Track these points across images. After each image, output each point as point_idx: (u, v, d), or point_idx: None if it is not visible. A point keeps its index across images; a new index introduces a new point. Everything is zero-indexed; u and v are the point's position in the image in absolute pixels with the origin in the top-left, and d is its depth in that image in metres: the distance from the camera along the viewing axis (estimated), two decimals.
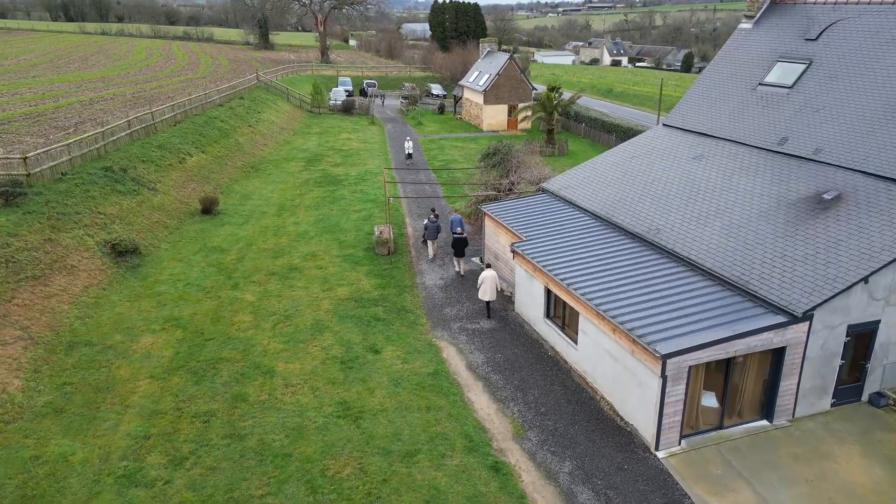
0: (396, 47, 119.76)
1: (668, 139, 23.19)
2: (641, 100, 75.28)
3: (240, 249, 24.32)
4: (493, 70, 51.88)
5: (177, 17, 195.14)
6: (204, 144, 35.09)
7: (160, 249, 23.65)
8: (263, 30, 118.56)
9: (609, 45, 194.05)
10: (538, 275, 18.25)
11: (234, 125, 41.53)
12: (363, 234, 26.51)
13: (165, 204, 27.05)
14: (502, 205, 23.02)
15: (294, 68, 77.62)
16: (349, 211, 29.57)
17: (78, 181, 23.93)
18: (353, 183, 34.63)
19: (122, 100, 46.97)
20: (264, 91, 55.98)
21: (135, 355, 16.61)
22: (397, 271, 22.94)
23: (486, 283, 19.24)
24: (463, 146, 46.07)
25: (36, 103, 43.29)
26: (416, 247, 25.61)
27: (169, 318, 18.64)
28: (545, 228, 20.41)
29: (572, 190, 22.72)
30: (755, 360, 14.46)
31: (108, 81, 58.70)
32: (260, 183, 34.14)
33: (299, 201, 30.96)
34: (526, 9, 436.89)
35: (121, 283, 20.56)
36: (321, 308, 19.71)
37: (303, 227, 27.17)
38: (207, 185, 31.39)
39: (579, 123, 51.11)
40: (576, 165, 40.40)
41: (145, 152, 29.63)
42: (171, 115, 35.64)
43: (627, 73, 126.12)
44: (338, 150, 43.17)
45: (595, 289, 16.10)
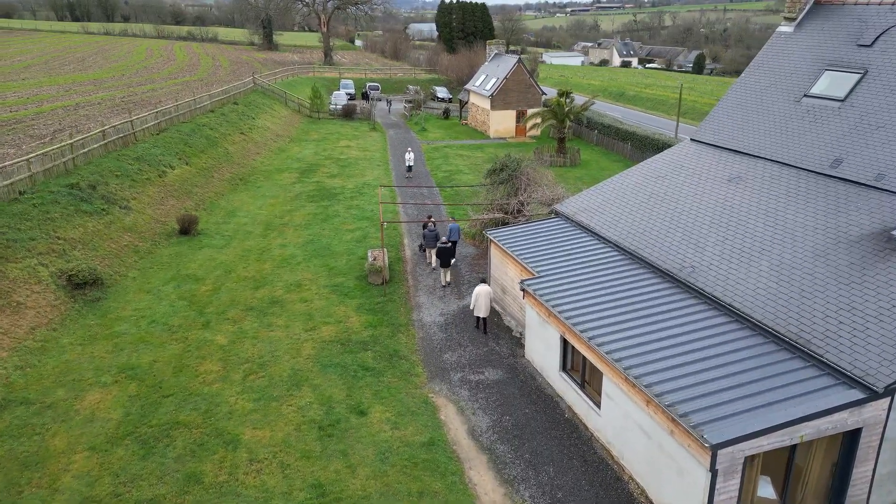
0: (402, 48, 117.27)
1: (698, 157, 20.48)
2: (655, 104, 72.42)
3: (217, 278, 21.77)
4: (501, 74, 49.22)
5: (183, 18, 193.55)
6: (188, 155, 32.59)
7: (126, 279, 21.13)
8: (267, 30, 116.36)
9: (619, 46, 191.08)
10: (552, 321, 15.61)
11: (225, 133, 39.04)
12: (356, 258, 23.93)
13: (138, 224, 24.55)
14: (511, 230, 20.37)
15: (295, 70, 75.22)
16: (342, 231, 26.99)
17: (37, 201, 21.46)
18: (348, 197, 32.04)
19: (111, 104, 44.63)
20: (261, 95, 53.51)
21: (76, 418, 14.07)
22: (392, 305, 20.33)
23: (481, 299, 18.33)
24: (468, 155, 43.43)
25: (17, 108, 41.00)
26: (414, 274, 23.01)
27: (124, 367, 16.10)
28: (560, 261, 17.75)
29: (590, 214, 20.05)
30: (823, 443, 11.77)
31: (100, 84, 56.44)
32: (248, 197, 31.60)
33: (289, 219, 28.40)
34: (534, 9, 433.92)
35: (75, 322, 18.04)
36: (302, 353, 17.13)
37: (290, 250, 24.60)
38: (189, 200, 28.87)
39: (591, 130, 48.38)
40: (588, 175, 37.93)
41: (120, 166, 27.15)
42: (155, 122, 33.18)
43: (638, 75, 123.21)
44: (335, 160, 40.60)
45: (622, 345, 13.45)
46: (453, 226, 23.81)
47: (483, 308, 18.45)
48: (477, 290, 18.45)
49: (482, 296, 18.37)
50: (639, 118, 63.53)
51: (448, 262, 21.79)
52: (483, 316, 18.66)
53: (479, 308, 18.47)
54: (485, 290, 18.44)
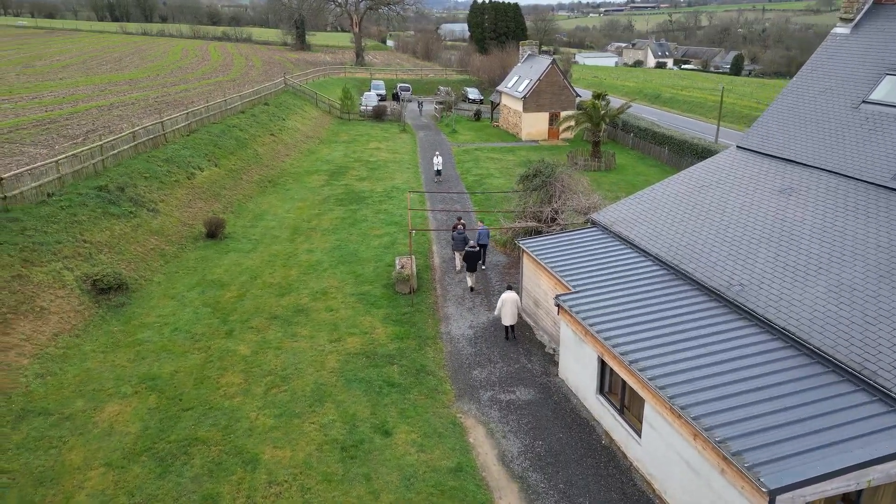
0: (433, 48, 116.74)
1: (745, 166, 19.33)
2: (692, 106, 70.48)
3: (242, 284, 21.35)
4: (534, 75, 48.20)
5: (219, 18, 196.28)
6: (218, 157, 32.41)
7: (151, 284, 20.83)
8: (300, 30, 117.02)
9: (653, 47, 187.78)
10: (589, 340, 14.71)
11: (255, 134, 38.86)
12: (383, 265, 23.30)
13: (166, 227, 24.31)
14: (544, 240, 19.49)
15: (326, 71, 75.22)
16: (370, 236, 26.40)
17: (64, 203, 21.31)
18: (377, 201, 31.47)
19: (144, 105, 44.90)
20: (291, 96, 53.41)
21: (94, 431, 13.66)
22: (419, 316, 19.62)
23: (507, 306, 17.94)
24: (500, 158, 42.55)
25: (53, 108, 41.47)
26: (443, 283, 22.27)
27: (145, 377, 15.70)
28: (597, 275, 16.82)
29: (629, 225, 19.05)
30: (891, 489, 10.70)
31: (135, 84, 57.03)
32: (276, 200, 31.26)
33: (316, 223, 27.93)
34: (567, 9, 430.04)
35: (98, 329, 17.74)
36: (326, 366, 16.53)
37: (316, 256, 24.09)
38: (217, 203, 28.62)
39: (627, 134, 47.05)
40: (623, 181, 36.68)
41: (149, 167, 27.00)
42: (185, 123, 33.08)
43: (674, 77, 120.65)
44: (364, 162, 40.12)
45: (665, 370, 12.50)
46: (483, 229, 23.37)
47: (509, 316, 18.03)
48: (503, 297, 18.01)
49: (508, 303, 17.93)
50: (675, 121, 61.84)
51: (475, 266, 21.34)
52: (510, 324, 18.21)
53: (506, 316, 18.05)
54: (511, 297, 17.98)
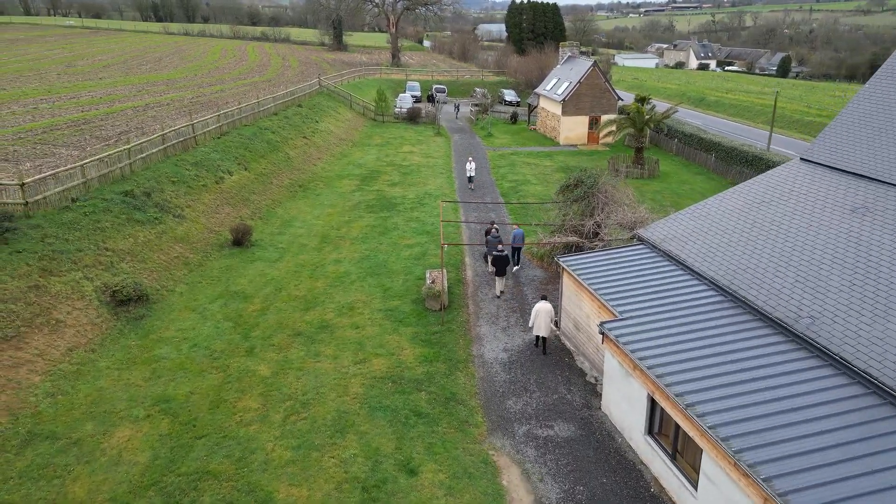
0: (470, 49, 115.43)
1: (812, 181, 17.58)
2: (739, 110, 67.66)
3: (266, 297, 20.44)
4: (574, 78, 46.53)
5: (259, 18, 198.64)
6: (248, 160, 31.74)
7: (173, 294, 20.07)
8: (337, 31, 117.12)
9: (696, 48, 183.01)
10: (638, 375, 13.27)
11: (287, 137, 38.19)
12: (413, 278, 22.15)
13: (191, 234, 23.61)
14: (587, 258, 18.06)
15: (362, 72, 74.65)
16: (400, 246, 25.30)
17: (88, 209, 20.72)
18: (408, 208, 30.37)
19: (179, 105, 44.76)
20: (326, 97, 52.80)
21: (102, 459, 12.81)
22: (449, 336, 18.39)
23: (541, 317, 17.17)
24: (536, 163, 41.06)
25: (89, 108, 41.55)
26: (475, 299, 21.00)
27: (159, 399, 14.83)
28: (646, 300, 15.35)
29: (680, 244, 17.49)
30: None
31: (172, 84, 57.22)
32: (306, 205, 30.41)
33: (345, 231, 26.95)
34: (606, 9, 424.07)
35: (115, 343, 16.99)
36: (349, 391, 15.43)
37: (344, 267, 23.08)
38: (245, 208, 27.89)
39: (671, 139, 45.02)
40: (668, 189, 34.76)
41: (177, 171, 26.40)
42: (216, 126, 32.52)
43: (718, 79, 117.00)
44: (397, 166, 39.11)
45: (727, 417, 11.01)
46: (517, 231, 22.79)
47: (543, 327, 17.21)
48: (537, 308, 17.24)
49: (542, 314, 17.13)
50: (722, 126, 59.31)
51: (504, 270, 20.78)
52: (543, 335, 17.40)
53: (539, 327, 17.26)
54: (545, 308, 17.16)
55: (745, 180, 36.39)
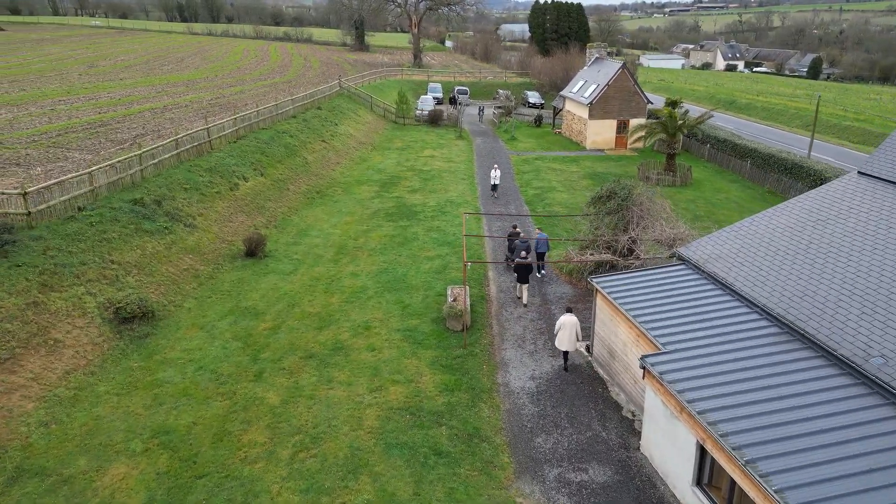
0: (493, 50, 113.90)
1: (873, 197, 15.95)
2: (772, 114, 65.31)
3: (278, 313, 19.31)
4: (602, 80, 44.91)
5: (282, 19, 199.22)
6: (264, 165, 30.73)
7: (181, 310, 19.03)
8: (359, 31, 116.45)
9: (723, 48, 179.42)
10: (685, 418, 11.84)
11: (305, 140, 37.17)
12: (433, 295, 20.87)
13: (202, 244, 22.60)
14: (622, 279, 16.63)
15: (383, 73, 73.65)
16: (420, 258, 24.05)
17: (95, 219, 19.78)
18: (429, 217, 29.11)
19: (198, 107, 44.05)
20: (346, 99, 51.79)
21: (93, 501, 11.72)
22: (472, 361, 17.08)
23: (565, 330, 16.33)
24: (562, 169, 39.56)
25: (107, 110, 40.98)
26: (500, 318, 19.66)
27: (159, 430, 13.74)
28: (691, 330, 13.88)
29: (727, 265, 15.98)
30: None
31: (192, 85, 56.69)
32: (323, 213, 29.30)
33: (363, 241, 25.78)
34: (630, 9, 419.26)
35: (116, 365, 15.97)
36: (364, 424, 14.20)
37: (361, 281, 21.90)
38: (260, 216, 26.85)
39: (703, 144, 43.18)
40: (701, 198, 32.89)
41: (190, 177, 25.45)
42: (233, 129, 31.58)
43: (747, 80, 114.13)
44: (418, 171, 37.89)
45: (795, 478, 9.55)
46: (541, 236, 22.44)
47: (567, 341, 16.38)
48: (562, 321, 16.41)
49: (567, 327, 16.29)
50: (754, 130, 57.16)
51: (527, 277, 20.25)
52: (567, 350, 16.64)
53: (563, 341, 16.43)
54: (570, 321, 16.32)
55: (783, 189, 34.76)
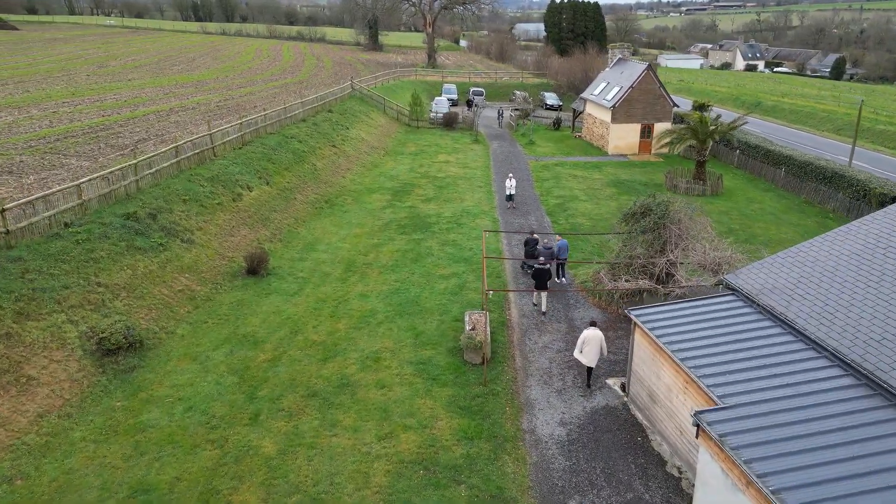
0: (508, 49, 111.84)
1: None
2: (800, 117, 62.78)
3: (280, 342, 17.60)
4: (626, 82, 42.85)
5: (296, 18, 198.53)
6: (270, 173, 29.08)
7: (173, 338, 17.38)
8: (373, 30, 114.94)
9: (742, 48, 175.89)
10: (753, 494, 9.92)
11: (314, 146, 35.49)
12: (449, 320, 19.06)
13: (200, 262, 20.95)
14: (665, 312, 14.72)
15: (397, 73, 71.96)
16: (434, 277, 22.25)
17: (82, 236, 18.18)
18: (444, 229, 27.31)
19: (205, 109, 42.60)
20: (358, 101, 50.10)
21: None
22: (493, 402, 15.25)
23: (589, 345, 15.50)
24: (584, 176, 37.58)
25: (111, 113, 39.59)
26: (523, 347, 17.83)
27: (138, 488, 12.04)
28: (752, 378, 11.95)
29: (784, 298, 14.01)
30: None
31: (201, 86, 55.33)
32: (331, 224, 27.59)
33: (374, 257, 24.03)
34: (645, 8, 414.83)
35: (96, 405, 14.32)
36: (371, 482, 12.42)
37: (371, 303, 20.13)
38: (265, 229, 25.18)
39: (732, 150, 40.99)
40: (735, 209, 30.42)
41: (190, 188, 23.83)
42: (238, 135, 29.97)
43: (768, 81, 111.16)
44: (432, 178, 36.09)
45: None
46: (562, 243, 21.67)
47: (591, 356, 15.52)
48: (585, 336, 15.54)
49: (591, 341, 15.44)
50: (784, 134, 54.76)
51: (545, 284, 19.40)
52: (590, 365, 15.71)
53: (586, 357, 15.56)
54: (595, 335, 15.46)
55: (821, 199, 32.55)
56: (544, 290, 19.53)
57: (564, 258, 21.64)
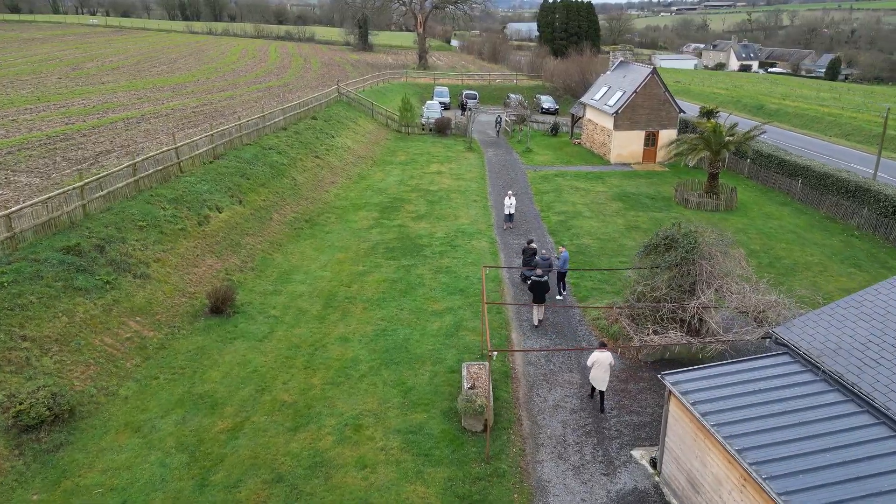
0: (501, 50, 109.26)
1: None
2: (805, 121, 60.43)
3: (242, 403, 14.83)
4: (629, 87, 40.27)
5: (286, 17, 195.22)
6: (244, 191, 26.24)
7: (115, 401, 14.57)
8: (363, 30, 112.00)
9: (737, 48, 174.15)
10: None
11: (295, 157, 32.64)
12: (444, 371, 16.37)
13: (155, 301, 18.12)
14: (707, 377, 12.08)
15: (387, 76, 69.11)
16: (426, 313, 19.54)
17: (6, 279, 15.34)
18: (437, 253, 24.60)
19: (180, 116, 39.70)
20: (344, 107, 47.23)
21: None
22: (499, 486, 12.56)
23: (597, 369, 14.65)
24: (587, 188, 34.96)
25: (75, 120, 36.60)
26: (530, 407, 15.16)
27: None
28: (830, 482, 9.35)
29: (854, 362, 11.43)
30: None
31: (179, 90, 52.32)
32: (311, 248, 24.80)
33: (357, 289, 21.27)
34: (636, 7, 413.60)
35: (7, 498, 11.51)
36: None
37: (353, 349, 17.39)
38: (235, 257, 22.36)
39: (742, 159, 38.52)
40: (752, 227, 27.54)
41: (149, 212, 20.99)
42: (209, 147, 27.11)
43: (765, 82, 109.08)
44: (423, 192, 33.35)
45: None
46: (565, 255, 20.81)
47: (601, 379, 14.66)
48: (595, 358, 14.60)
49: (601, 364, 14.51)
50: (791, 140, 52.39)
51: (542, 297, 18.49)
52: (600, 389, 14.80)
53: (596, 379, 14.71)
54: (605, 358, 14.49)
55: (843, 214, 30.03)
56: (541, 304, 18.58)
57: (566, 270, 20.76)
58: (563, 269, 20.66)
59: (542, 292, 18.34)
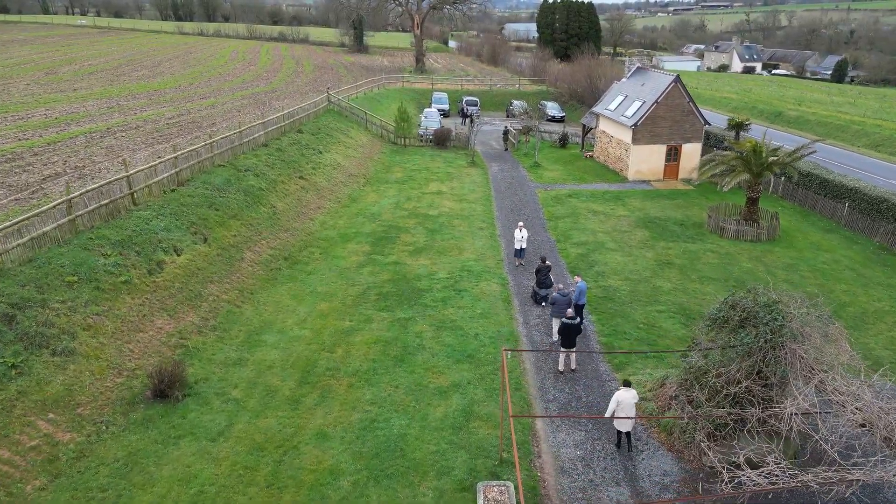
0: (500, 52, 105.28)
1: None
2: (830, 129, 56.50)
3: None
4: (649, 97, 36.39)
5: (280, 17, 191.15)
6: (210, 225, 22.23)
7: None
8: (358, 31, 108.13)
9: (740, 50, 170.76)
10: None
11: (275, 179, 28.62)
12: (452, 488, 12.42)
13: (79, 386, 14.12)
14: None
15: (382, 80, 65.09)
16: (427, 392, 15.59)
17: None
18: (439, 300, 20.65)
19: (152, 128, 35.71)
20: (335, 117, 43.18)
21: None
22: None
23: (624, 411, 13.00)
24: (606, 212, 31.03)
25: (31, 135, 32.56)
26: None
27: None
28: None
29: None
30: None
31: (156, 97, 48.27)
32: (289, 297, 20.79)
33: (342, 355, 17.30)
34: (633, 8, 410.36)
35: None
36: None
37: (332, 454, 13.41)
38: (193, 312, 18.31)
39: (776, 177, 34.69)
40: (802, 262, 22.84)
41: (85, 260, 16.98)
42: (171, 172, 23.12)
43: (772, 85, 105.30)
44: (422, 217, 29.39)
45: None
46: (582, 286, 18.69)
47: (627, 423, 13.37)
48: (618, 397, 13.23)
49: (625, 404, 13.10)
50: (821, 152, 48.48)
51: (573, 341, 16.43)
52: (625, 430, 13.56)
53: (622, 422, 13.38)
54: (628, 397, 13.14)
55: None
56: (572, 347, 16.49)
57: (583, 303, 19.01)
58: (579, 303, 18.67)
59: (572, 336, 16.42)
